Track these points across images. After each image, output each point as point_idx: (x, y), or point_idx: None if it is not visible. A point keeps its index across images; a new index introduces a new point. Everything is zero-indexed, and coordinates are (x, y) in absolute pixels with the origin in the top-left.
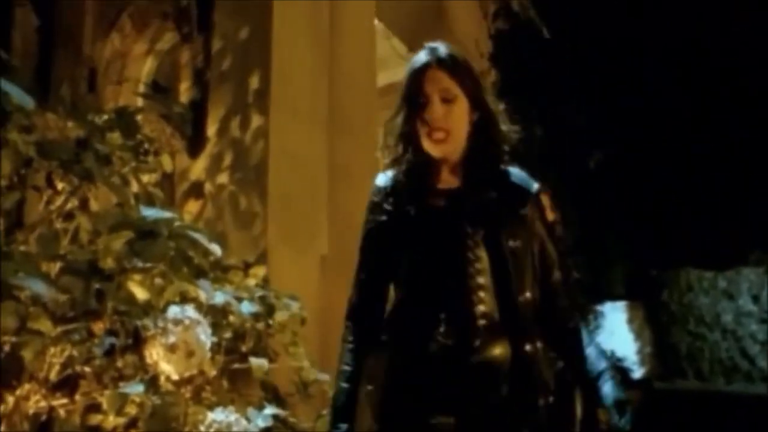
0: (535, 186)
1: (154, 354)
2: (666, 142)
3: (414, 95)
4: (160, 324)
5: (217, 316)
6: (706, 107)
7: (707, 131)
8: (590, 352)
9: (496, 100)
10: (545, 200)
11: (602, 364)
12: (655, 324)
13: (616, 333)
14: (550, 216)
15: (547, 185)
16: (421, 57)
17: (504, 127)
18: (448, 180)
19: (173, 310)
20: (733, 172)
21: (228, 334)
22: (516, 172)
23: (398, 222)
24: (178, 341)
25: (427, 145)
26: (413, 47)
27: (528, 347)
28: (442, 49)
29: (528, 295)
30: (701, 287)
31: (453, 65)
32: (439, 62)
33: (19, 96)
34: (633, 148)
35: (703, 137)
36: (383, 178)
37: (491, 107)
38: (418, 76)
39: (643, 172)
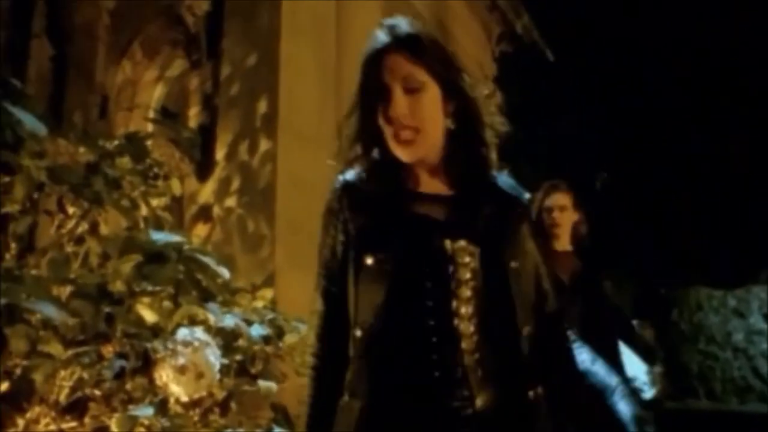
0: (526, 196)
1: (164, 376)
2: (674, 159)
3: (372, 87)
4: (170, 346)
5: (226, 338)
6: (714, 124)
7: (716, 149)
8: (598, 369)
9: (478, 84)
10: (565, 199)
11: (613, 380)
12: (665, 343)
13: (625, 353)
14: (574, 216)
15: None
16: (378, 39)
17: (488, 117)
18: (431, 184)
19: (182, 332)
20: (742, 190)
21: (237, 356)
22: (504, 180)
23: (371, 234)
24: (188, 363)
25: (394, 148)
26: None
27: (531, 394)
28: (403, 26)
29: (528, 328)
30: (711, 306)
31: (416, 45)
32: (398, 44)
33: (32, 123)
34: (640, 166)
35: (712, 155)
36: (343, 182)
37: (471, 93)
38: (374, 63)
39: (651, 190)
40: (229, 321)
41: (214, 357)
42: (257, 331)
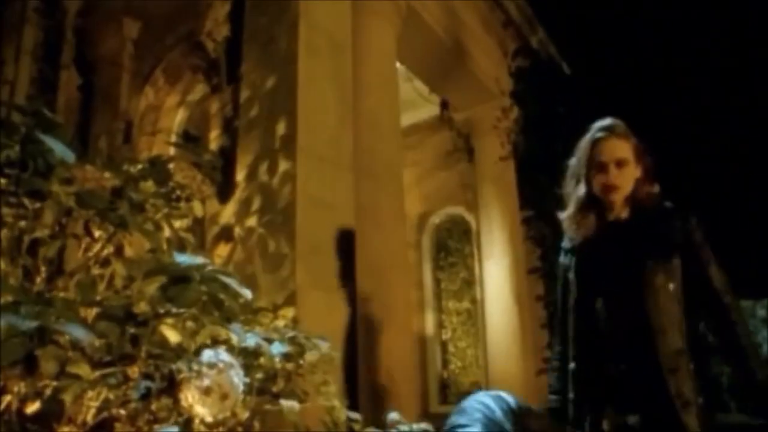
0: None
1: (189, 397)
2: (697, 168)
3: None
4: (195, 368)
5: (248, 357)
6: (734, 132)
7: (740, 156)
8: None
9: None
10: (624, 148)
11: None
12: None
13: None
14: (636, 172)
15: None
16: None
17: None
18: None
19: (207, 354)
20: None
21: (259, 375)
22: None
23: None
24: (213, 384)
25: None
26: (435, 88)
27: None
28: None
29: None
30: None
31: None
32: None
33: (61, 151)
34: (661, 175)
35: (736, 162)
36: None
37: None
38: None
39: (674, 199)
40: (251, 340)
41: (237, 378)
42: (278, 348)
